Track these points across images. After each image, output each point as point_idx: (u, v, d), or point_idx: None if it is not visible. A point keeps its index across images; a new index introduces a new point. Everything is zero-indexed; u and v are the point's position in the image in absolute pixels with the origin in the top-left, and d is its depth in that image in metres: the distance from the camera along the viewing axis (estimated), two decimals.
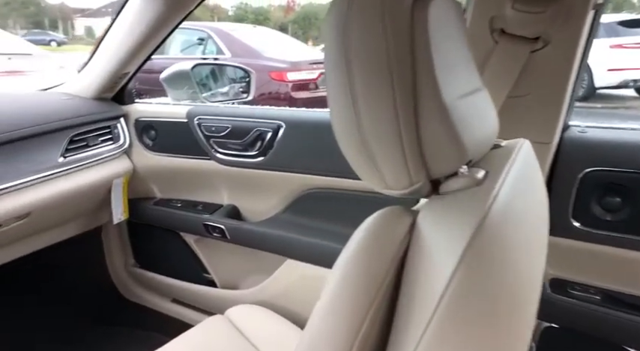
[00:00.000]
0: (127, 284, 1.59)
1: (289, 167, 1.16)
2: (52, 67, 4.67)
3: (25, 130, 1.10)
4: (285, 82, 4.86)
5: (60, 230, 1.34)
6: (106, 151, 1.31)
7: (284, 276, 1.21)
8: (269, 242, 1.22)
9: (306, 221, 1.19)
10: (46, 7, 33.01)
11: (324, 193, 1.15)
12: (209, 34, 5.42)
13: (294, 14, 37.14)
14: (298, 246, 1.17)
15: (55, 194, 1.16)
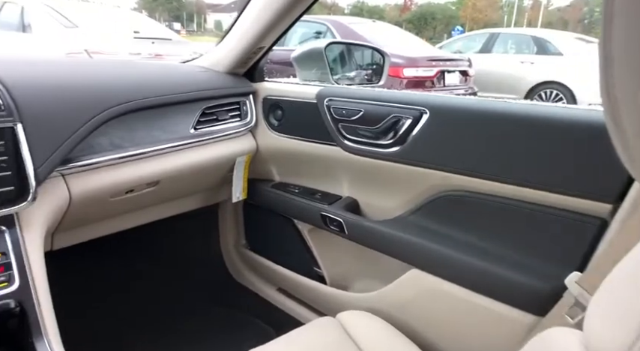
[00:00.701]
0: (236, 265, 1.58)
1: (428, 162, 1.00)
2: (186, 51, 5.09)
3: (164, 97, 1.10)
4: (400, 78, 4.66)
5: (182, 202, 1.35)
6: (233, 128, 1.28)
7: (407, 286, 1.05)
8: (392, 245, 1.07)
9: (441, 227, 1.02)
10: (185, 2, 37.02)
11: (469, 198, 0.96)
12: (328, 26, 5.44)
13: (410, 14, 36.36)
14: (428, 255, 1.00)
15: (183, 165, 1.16)
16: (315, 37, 5.61)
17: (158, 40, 4.94)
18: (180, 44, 5.27)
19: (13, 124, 0.79)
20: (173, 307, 1.48)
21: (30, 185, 0.80)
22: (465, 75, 5.40)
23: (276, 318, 1.41)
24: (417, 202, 1.06)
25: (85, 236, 1.13)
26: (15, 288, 0.75)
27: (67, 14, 4.86)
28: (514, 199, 0.89)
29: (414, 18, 32.81)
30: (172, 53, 4.89)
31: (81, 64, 1.21)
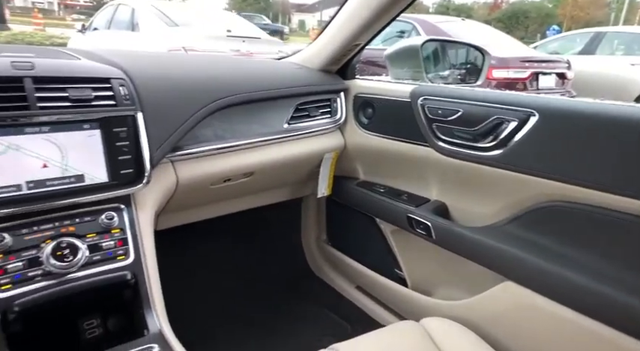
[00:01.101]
0: (316, 259, 1.61)
1: (533, 168, 0.92)
2: (274, 50, 5.29)
3: (264, 92, 1.15)
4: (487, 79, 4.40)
5: (271, 194, 1.40)
6: (323, 124, 1.30)
7: (499, 298, 0.99)
8: (485, 254, 1.01)
9: (541, 239, 0.94)
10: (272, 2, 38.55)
11: (578, 210, 0.87)
12: (414, 25, 5.29)
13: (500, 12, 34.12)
14: (525, 268, 0.93)
15: (276, 158, 1.20)
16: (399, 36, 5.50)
17: (248, 39, 5.18)
18: (268, 43, 5.48)
19: (134, 113, 0.87)
20: (252, 293, 1.54)
21: (145, 169, 0.87)
22: (563, 78, 4.95)
23: (352, 315, 1.42)
24: (517, 211, 0.99)
25: (184, 219, 1.22)
26: (130, 261, 0.82)
27: (169, 14, 5.30)
28: (630, 214, 0.79)
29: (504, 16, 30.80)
30: (261, 51, 5.11)
31: (191, 59, 1.30)
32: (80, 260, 0.76)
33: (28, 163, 0.76)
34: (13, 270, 0.72)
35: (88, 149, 0.82)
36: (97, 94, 0.83)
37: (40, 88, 0.77)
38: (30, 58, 0.81)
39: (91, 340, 0.83)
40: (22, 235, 0.75)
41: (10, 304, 0.70)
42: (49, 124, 0.78)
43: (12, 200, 0.75)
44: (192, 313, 1.34)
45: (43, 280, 0.74)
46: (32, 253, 0.74)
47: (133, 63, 0.96)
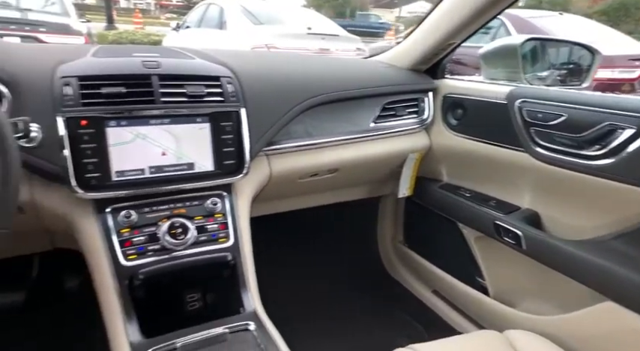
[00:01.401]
0: (391, 259, 1.61)
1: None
2: (353, 47, 5.32)
3: (352, 92, 1.17)
4: None
5: (351, 191, 1.43)
6: (409, 124, 1.30)
7: (598, 319, 0.92)
8: (584, 270, 0.95)
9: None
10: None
11: None
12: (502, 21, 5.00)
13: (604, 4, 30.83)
14: (632, 290, 0.85)
15: (361, 156, 1.22)
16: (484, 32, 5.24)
17: (328, 36, 5.26)
18: (347, 40, 5.52)
19: (239, 109, 0.94)
20: (328, 284, 1.59)
21: (245, 161, 0.94)
22: None
23: (426, 318, 1.40)
24: (625, 226, 0.91)
25: (271, 209, 1.29)
26: (230, 244, 0.90)
27: (255, 12, 5.55)
28: None
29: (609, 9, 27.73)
30: (340, 48, 5.16)
31: (288, 58, 1.37)
32: (190, 239, 0.85)
33: (150, 150, 0.86)
34: (137, 243, 0.82)
35: (198, 140, 0.91)
36: (209, 91, 0.91)
37: (164, 85, 0.87)
38: (156, 58, 0.91)
39: (192, 312, 0.92)
40: (144, 213, 0.86)
41: (135, 271, 0.80)
42: (169, 116, 0.87)
43: (137, 182, 0.85)
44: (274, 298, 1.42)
45: (160, 254, 0.83)
46: (152, 230, 0.84)
47: (239, 62, 1.04)
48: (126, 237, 0.83)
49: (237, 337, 0.78)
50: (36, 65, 0.83)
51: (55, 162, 0.78)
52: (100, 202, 0.84)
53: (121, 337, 0.75)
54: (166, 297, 0.88)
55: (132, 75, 0.85)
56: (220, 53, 1.11)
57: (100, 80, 0.82)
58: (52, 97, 0.78)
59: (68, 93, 0.79)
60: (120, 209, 0.84)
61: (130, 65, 0.88)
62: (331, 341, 1.35)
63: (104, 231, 0.82)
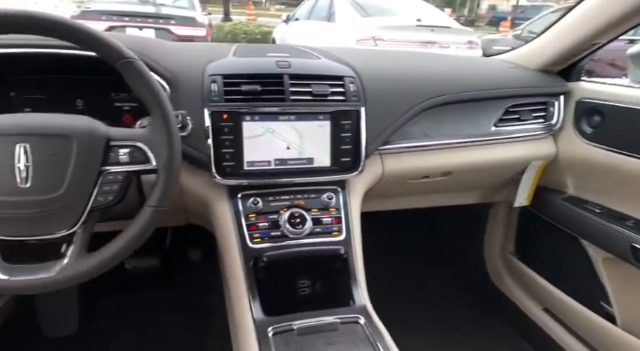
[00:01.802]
0: (498, 269, 1.53)
1: None
2: (463, 40, 5.05)
3: (474, 93, 1.13)
4: None
5: (461, 195, 1.38)
6: (534, 129, 1.21)
7: None
8: None
9: None
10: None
11: None
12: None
13: None
14: None
15: (477, 161, 1.17)
16: None
17: (438, 28, 5.06)
18: (458, 32, 5.25)
19: (359, 108, 0.96)
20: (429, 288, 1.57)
21: (361, 159, 0.97)
22: None
23: (536, 338, 1.31)
24: None
25: (379, 206, 1.31)
26: (343, 238, 0.94)
27: (363, 4, 5.55)
28: None
29: None
30: (450, 41, 4.94)
31: (408, 57, 1.36)
32: (306, 229, 0.91)
33: (277, 144, 0.93)
34: (262, 228, 0.90)
35: (318, 137, 0.95)
36: (332, 90, 0.95)
37: (293, 84, 0.93)
38: (287, 58, 0.97)
39: (302, 297, 0.98)
40: (269, 201, 0.93)
41: (260, 254, 0.88)
42: (296, 114, 0.93)
43: (264, 172, 0.93)
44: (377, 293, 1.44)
45: (280, 240, 0.90)
46: (274, 217, 0.92)
47: (361, 62, 1.06)
48: (252, 221, 0.91)
49: (347, 328, 0.81)
50: (189, 63, 0.94)
51: (201, 150, 0.88)
52: (233, 189, 0.93)
53: (247, 312, 0.83)
54: (282, 281, 0.95)
55: (267, 74, 0.93)
56: (344, 52, 1.14)
57: (241, 78, 0.91)
58: (202, 92, 0.88)
59: (214, 89, 0.88)
60: (249, 196, 0.93)
61: (265, 65, 0.95)
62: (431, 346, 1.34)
63: (235, 214, 0.91)
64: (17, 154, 0.61)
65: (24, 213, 0.62)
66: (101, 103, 0.96)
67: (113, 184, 0.67)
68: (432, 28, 5.04)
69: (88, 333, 1.40)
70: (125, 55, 0.66)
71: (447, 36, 5.06)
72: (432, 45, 4.99)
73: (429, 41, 4.94)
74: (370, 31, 4.96)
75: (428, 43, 5.00)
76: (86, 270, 0.65)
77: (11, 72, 0.90)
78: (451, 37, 5.07)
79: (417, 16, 5.22)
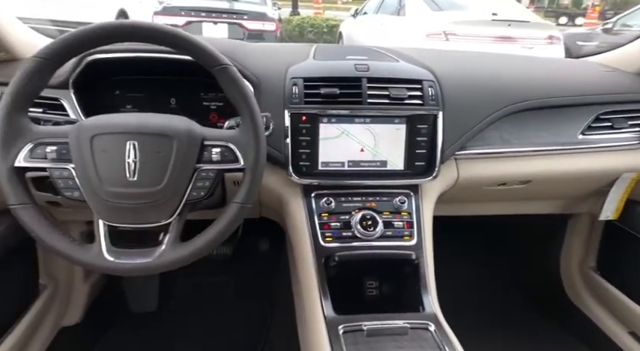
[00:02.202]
0: (576, 286, 1.44)
1: None
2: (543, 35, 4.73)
3: (560, 99, 1.07)
4: None
5: (540, 204, 1.32)
6: (628, 139, 1.12)
7: None
8: None
9: None
10: None
11: None
12: None
13: None
14: None
15: (560, 170, 1.11)
16: None
17: (515, 23, 4.78)
18: (537, 27, 4.91)
19: (437, 112, 0.95)
20: (500, 298, 1.51)
21: (436, 164, 0.96)
22: None
23: None
24: None
25: (450, 211, 1.28)
26: (414, 243, 0.94)
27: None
28: None
29: None
30: (528, 36, 4.65)
31: (492, 59, 1.31)
32: (377, 232, 0.92)
33: (351, 146, 0.94)
34: (334, 227, 0.93)
35: (393, 140, 0.95)
36: (410, 94, 0.95)
37: (371, 87, 0.94)
38: (366, 61, 0.98)
39: (369, 299, 1.00)
40: (341, 202, 0.95)
41: (332, 253, 0.91)
42: (372, 116, 0.94)
43: (338, 173, 0.95)
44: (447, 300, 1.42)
45: (351, 241, 0.92)
46: (346, 218, 0.94)
47: (441, 64, 1.05)
48: (324, 221, 0.94)
49: (416, 334, 0.82)
50: (272, 67, 0.98)
51: (279, 149, 0.92)
52: (307, 188, 0.97)
53: (318, 309, 0.87)
54: (350, 280, 0.97)
55: (346, 77, 0.94)
56: (423, 54, 1.13)
57: (320, 82, 0.93)
58: (284, 94, 0.92)
59: (295, 92, 0.92)
60: (322, 196, 0.96)
61: (344, 68, 0.97)
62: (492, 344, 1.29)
63: (308, 212, 0.95)
64: (127, 150, 0.68)
65: (131, 203, 0.69)
66: (191, 102, 1.04)
67: (205, 180, 0.72)
68: (508, 23, 4.76)
69: (166, 310, 1.53)
70: (221, 61, 0.71)
71: (526, 31, 4.76)
72: (508, 40, 4.73)
73: (505, 36, 4.68)
74: (442, 26, 4.80)
75: (504, 39, 4.74)
76: (179, 258, 0.72)
77: (117, 73, 1.00)
78: (530, 32, 4.76)
79: (492, 10, 4.96)
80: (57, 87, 0.91)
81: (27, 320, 1.15)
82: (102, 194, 0.68)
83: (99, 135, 0.68)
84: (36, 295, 1.22)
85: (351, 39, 7.14)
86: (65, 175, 0.69)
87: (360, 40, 6.58)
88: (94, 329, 1.41)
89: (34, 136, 0.69)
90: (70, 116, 0.92)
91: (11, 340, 1.08)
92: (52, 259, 1.27)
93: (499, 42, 4.72)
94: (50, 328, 1.29)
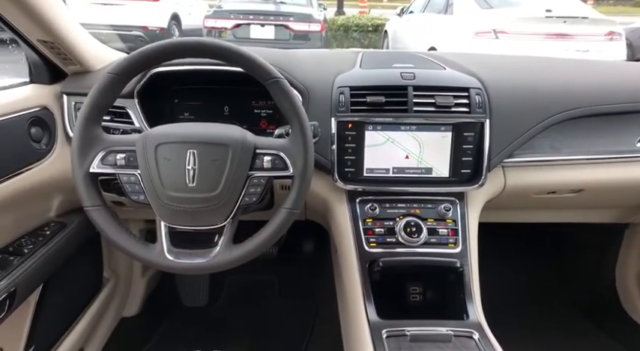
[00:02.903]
0: (633, 297, 1.38)
1: None
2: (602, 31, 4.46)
3: (616, 106, 1.03)
4: None
5: (594, 213, 1.28)
6: None
7: None
8: None
9: None
10: None
11: None
12: None
13: None
14: None
15: (616, 180, 1.07)
16: None
17: (570, 19, 4.53)
18: (595, 23, 4.63)
19: (484, 120, 0.95)
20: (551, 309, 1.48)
21: (482, 172, 0.95)
22: None
23: None
24: None
25: (498, 218, 1.27)
26: (459, 250, 0.94)
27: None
28: None
29: None
30: (584, 33, 4.41)
31: (543, 63, 1.28)
32: (422, 239, 0.93)
33: (396, 153, 0.96)
34: (378, 233, 0.95)
35: (439, 148, 0.96)
36: (457, 102, 0.95)
37: (417, 95, 0.95)
38: (412, 69, 1.00)
39: (412, 303, 1.01)
40: (386, 208, 0.98)
41: (376, 258, 0.93)
42: (417, 124, 0.95)
43: (382, 180, 0.97)
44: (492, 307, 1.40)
45: (395, 247, 0.94)
46: (390, 224, 0.96)
47: (488, 71, 1.04)
48: (369, 226, 0.96)
49: (460, 341, 0.82)
50: (320, 76, 1.02)
51: (326, 156, 0.96)
52: (352, 193, 0.99)
53: (362, 312, 0.90)
54: (394, 286, 0.99)
55: (392, 86, 0.96)
56: (470, 60, 1.12)
57: (366, 90, 0.96)
58: (331, 102, 0.96)
59: (342, 100, 0.95)
60: (366, 201, 0.98)
61: (390, 77, 0.99)
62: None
63: (353, 217, 0.98)
64: (187, 158, 0.74)
65: (189, 207, 0.75)
66: (243, 110, 1.10)
67: (257, 186, 0.77)
68: (564, 20, 4.53)
69: (215, 305, 1.62)
70: (273, 75, 0.76)
71: (583, 27, 4.51)
72: (564, 37, 4.50)
73: (560, 33, 4.46)
74: (491, 24, 4.65)
75: (559, 36, 4.52)
76: (232, 259, 0.77)
77: (176, 84, 1.08)
78: (587, 29, 4.51)
79: (546, 6, 4.73)
80: (123, 97, 1.00)
81: (93, 310, 1.26)
82: (164, 198, 0.74)
83: (163, 144, 0.74)
84: (100, 287, 1.34)
85: (396, 38, 7.07)
86: (132, 180, 0.76)
87: (406, 40, 6.50)
88: (150, 321, 1.51)
89: (106, 145, 0.76)
90: (135, 123, 1.00)
91: (80, 327, 1.19)
92: (114, 255, 1.38)
93: (554, 39, 4.50)
94: (112, 318, 1.40)
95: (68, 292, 1.16)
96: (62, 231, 1.04)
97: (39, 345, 1.04)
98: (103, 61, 1.06)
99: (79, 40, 0.99)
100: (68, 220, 1.09)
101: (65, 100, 1.03)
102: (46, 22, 0.86)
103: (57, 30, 0.89)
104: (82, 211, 1.07)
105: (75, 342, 1.16)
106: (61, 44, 0.93)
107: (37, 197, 1.00)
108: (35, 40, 0.91)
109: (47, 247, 0.98)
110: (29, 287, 0.93)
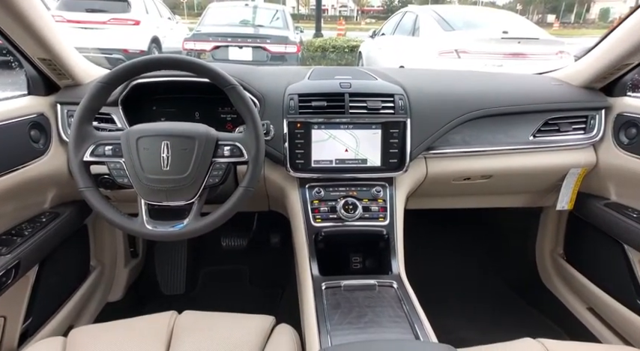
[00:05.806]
0: (548, 271, 1.63)
1: None
2: (553, 50, 4.87)
3: (511, 107, 1.28)
4: None
5: (507, 198, 1.52)
6: (573, 140, 1.32)
7: None
8: None
9: None
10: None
11: None
12: None
13: None
14: None
15: (515, 167, 1.32)
16: None
17: (524, 40, 4.95)
18: (546, 43, 5.07)
19: (405, 119, 1.19)
20: (476, 275, 1.71)
21: (406, 161, 1.19)
22: None
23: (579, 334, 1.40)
24: None
25: (427, 204, 1.50)
26: (387, 223, 1.17)
27: (448, 18, 5.62)
28: None
29: None
30: (537, 53, 4.81)
31: (455, 75, 1.54)
32: (357, 214, 1.15)
33: (337, 147, 1.19)
34: (323, 211, 1.17)
35: (371, 142, 1.19)
36: (384, 105, 1.19)
37: (352, 100, 1.18)
38: (349, 80, 1.24)
39: (355, 270, 1.23)
40: (329, 191, 1.20)
41: (320, 230, 1.15)
42: (353, 123, 1.18)
43: (327, 169, 1.19)
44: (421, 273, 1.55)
45: (336, 221, 1.16)
46: (332, 204, 1.18)
47: (410, 80, 1.29)
48: (315, 206, 1.18)
49: (383, 289, 1.03)
50: (274, 85, 1.25)
51: (279, 150, 1.18)
52: (302, 180, 1.21)
53: (307, 271, 1.10)
54: (335, 252, 1.21)
55: (332, 93, 1.20)
56: (397, 73, 1.37)
57: (312, 96, 1.19)
58: (283, 107, 1.18)
59: (292, 105, 1.18)
60: (314, 187, 1.20)
61: (331, 86, 1.22)
62: (465, 320, 1.49)
63: (303, 200, 1.19)
64: (162, 148, 0.94)
65: (164, 187, 0.94)
66: (212, 115, 1.32)
67: (219, 170, 0.98)
68: (518, 40, 4.94)
69: (192, 293, 1.80)
70: (230, 82, 0.97)
71: (535, 47, 4.93)
72: (519, 56, 4.90)
73: (515, 53, 4.86)
74: (453, 45, 5.03)
75: (515, 55, 4.92)
76: (200, 227, 0.97)
77: (155, 93, 1.29)
78: (540, 48, 4.92)
79: (503, 28, 5.15)
80: (109, 105, 1.19)
81: (81, 292, 1.43)
82: (144, 180, 0.94)
83: (142, 137, 0.94)
84: (87, 274, 1.51)
85: (369, 58, 7.44)
86: (118, 166, 0.96)
87: (378, 60, 6.86)
88: (133, 305, 1.68)
89: (97, 139, 0.97)
90: (119, 126, 1.21)
91: (70, 306, 1.36)
92: (99, 247, 1.56)
93: (510, 58, 4.90)
94: (98, 301, 1.57)
95: (60, 274, 1.33)
96: (56, 219, 1.23)
97: (36, 317, 1.21)
98: (91, 75, 1.27)
99: (72, 57, 1.19)
100: (61, 210, 1.27)
101: (59, 109, 1.22)
102: (47, 42, 1.05)
103: (55, 49, 1.08)
104: (72, 203, 1.27)
105: (65, 318, 1.33)
106: (57, 61, 1.13)
107: (35, 189, 1.18)
108: (36, 58, 1.11)
109: (43, 231, 1.16)
110: (29, 262, 1.11)
